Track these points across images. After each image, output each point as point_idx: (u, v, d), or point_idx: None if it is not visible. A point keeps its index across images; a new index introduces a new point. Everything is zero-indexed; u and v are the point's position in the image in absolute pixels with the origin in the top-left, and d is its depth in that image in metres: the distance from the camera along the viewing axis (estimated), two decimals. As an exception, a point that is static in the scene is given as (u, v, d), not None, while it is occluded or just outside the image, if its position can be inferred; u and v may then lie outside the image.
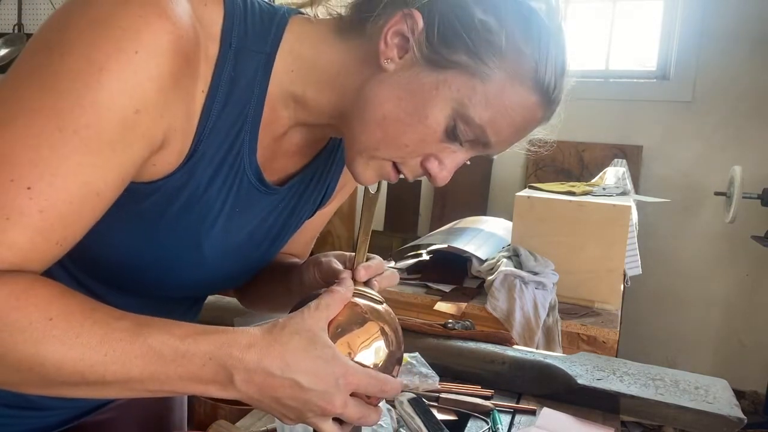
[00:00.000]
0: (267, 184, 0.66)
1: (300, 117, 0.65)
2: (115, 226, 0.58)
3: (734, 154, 2.82)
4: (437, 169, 0.61)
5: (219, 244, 0.66)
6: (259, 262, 0.76)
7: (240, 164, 0.62)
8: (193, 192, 0.59)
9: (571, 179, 2.93)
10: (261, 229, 0.71)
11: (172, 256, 0.64)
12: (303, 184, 0.73)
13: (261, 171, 0.64)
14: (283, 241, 0.77)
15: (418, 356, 0.98)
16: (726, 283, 2.94)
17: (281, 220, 0.73)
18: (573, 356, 1.05)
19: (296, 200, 0.73)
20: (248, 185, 0.64)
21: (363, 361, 0.56)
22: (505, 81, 0.57)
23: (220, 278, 0.72)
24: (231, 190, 0.63)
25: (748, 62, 2.81)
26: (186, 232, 0.62)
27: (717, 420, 0.88)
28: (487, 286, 1.67)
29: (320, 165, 0.74)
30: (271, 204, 0.70)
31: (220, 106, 0.58)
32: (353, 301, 0.59)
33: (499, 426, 0.87)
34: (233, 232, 0.67)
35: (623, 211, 1.75)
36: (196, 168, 0.58)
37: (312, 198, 0.76)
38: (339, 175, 0.80)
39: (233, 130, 0.60)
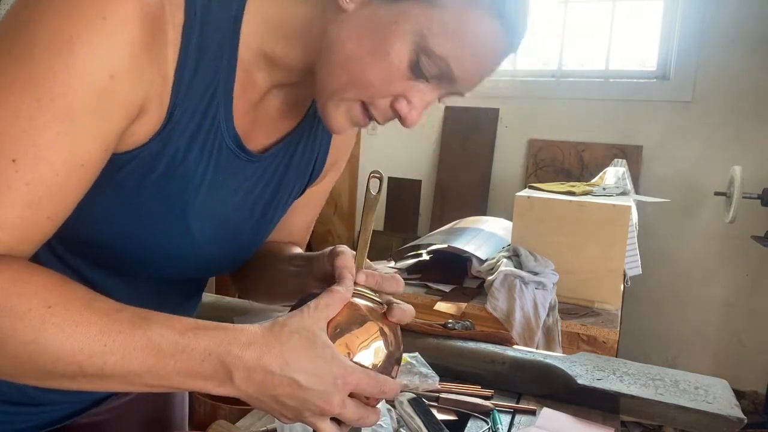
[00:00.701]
0: (248, 152, 0.66)
1: (275, 77, 0.65)
2: (98, 201, 0.58)
3: (734, 154, 2.82)
4: (406, 109, 0.61)
5: (206, 215, 0.65)
6: (252, 238, 0.74)
7: (217, 131, 0.62)
8: (171, 159, 0.59)
9: (571, 179, 2.93)
10: (248, 201, 0.70)
11: (158, 228, 0.63)
12: (288, 154, 0.72)
13: (240, 137, 0.64)
14: (275, 215, 0.76)
15: (418, 356, 0.98)
16: (726, 283, 2.94)
17: (269, 192, 0.72)
18: (573, 356, 1.05)
19: (283, 171, 0.72)
20: (228, 152, 0.64)
21: (362, 362, 0.56)
22: (462, 8, 0.56)
23: (212, 255, 0.70)
24: (211, 157, 0.62)
25: (748, 62, 2.81)
26: (169, 201, 0.62)
27: (717, 420, 0.88)
28: (487, 286, 1.67)
29: (304, 133, 0.74)
30: (256, 173, 0.69)
31: (191, 72, 0.57)
32: (353, 301, 0.59)
33: (499, 426, 0.87)
34: (219, 203, 0.66)
35: (623, 211, 1.75)
36: (172, 135, 0.58)
37: (300, 170, 0.76)
38: (327, 148, 0.79)
39: (206, 96, 0.59)
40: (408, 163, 3.45)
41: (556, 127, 3.14)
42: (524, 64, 3.32)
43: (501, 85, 3.29)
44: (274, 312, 1.01)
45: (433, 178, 3.43)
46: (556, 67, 3.23)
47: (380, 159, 3.46)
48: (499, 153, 3.28)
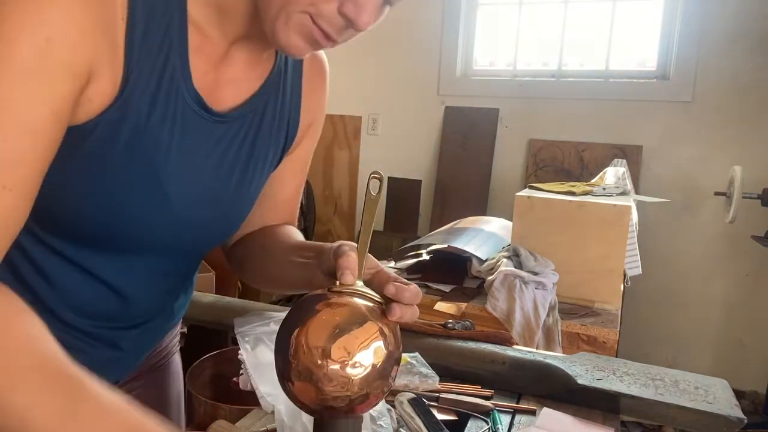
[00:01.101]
0: (213, 111, 0.66)
1: (230, 31, 0.65)
2: (69, 175, 0.59)
3: (734, 154, 2.82)
4: (354, 12, 0.59)
5: (180, 179, 0.65)
6: (233, 203, 0.74)
7: (177, 91, 0.62)
8: (134, 125, 0.59)
9: (571, 179, 2.93)
10: (223, 164, 0.70)
11: (133, 195, 0.63)
12: (257, 114, 0.72)
13: (202, 97, 0.64)
14: (254, 179, 0.75)
15: (418, 356, 0.98)
16: (726, 283, 2.94)
17: (244, 154, 0.72)
18: (573, 356, 1.05)
19: (254, 132, 0.72)
20: (193, 113, 0.64)
21: (361, 362, 0.56)
22: None
23: (194, 221, 0.70)
24: (175, 119, 0.62)
25: (748, 62, 2.81)
26: (139, 167, 0.62)
27: (717, 420, 0.88)
28: (487, 286, 1.67)
29: (271, 93, 0.73)
30: (227, 135, 0.69)
31: (141, 33, 0.58)
32: (353, 301, 0.59)
33: (499, 426, 0.87)
34: (192, 166, 0.66)
35: (623, 211, 1.75)
36: (130, 99, 0.58)
37: (273, 132, 0.75)
38: (298, 109, 0.78)
39: (160, 57, 0.60)
40: (408, 163, 3.45)
41: (556, 127, 3.14)
42: (524, 64, 3.32)
43: (501, 85, 3.30)
44: (273, 313, 1.00)
45: (433, 178, 3.43)
46: (556, 67, 3.23)
47: (380, 159, 3.47)
48: (499, 153, 3.28)
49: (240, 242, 0.86)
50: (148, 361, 0.88)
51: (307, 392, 0.57)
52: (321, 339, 0.56)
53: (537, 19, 3.30)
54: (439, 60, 3.38)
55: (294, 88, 0.77)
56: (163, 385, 0.92)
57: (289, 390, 0.58)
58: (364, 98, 3.58)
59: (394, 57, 3.48)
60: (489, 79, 3.36)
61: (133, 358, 0.83)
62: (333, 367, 0.55)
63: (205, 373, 1.28)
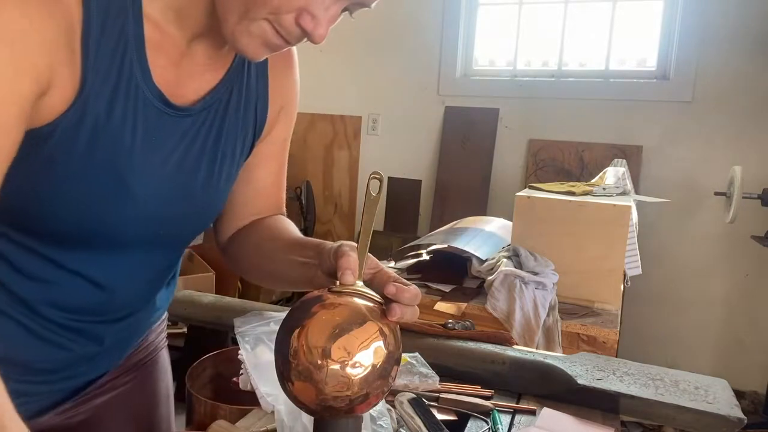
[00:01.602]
0: (176, 106, 0.66)
1: (189, 29, 0.66)
2: (33, 178, 0.59)
3: (734, 154, 2.82)
4: (311, 24, 0.61)
5: (147, 178, 0.66)
6: (204, 195, 0.74)
7: (136, 89, 0.62)
8: (93, 126, 0.60)
9: (571, 179, 2.93)
10: (189, 156, 0.70)
11: (100, 197, 0.64)
12: (221, 103, 0.72)
13: (163, 94, 0.65)
14: (223, 169, 0.74)
15: (418, 356, 0.98)
16: (726, 283, 2.94)
17: (210, 144, 0.72)
18: (573, 356, 1.05)
19: (220, 121, 0.72)
20: (155, 110, 0.64)
21: (362, 362, 0.56)
22: None
23: (165, 216, 0.70)
24: (137, 117, 0.63)
25: (748, 62, 2.81)
26: (103, 168, 0.62)
27: (717, 420, 0.88)
28: (487, 286, 1.67)
29: (234, 82, 0.73)
30: (192, 128, 0.69)
31: (97, 34, 0.58)
32: (353, 301, 0.59)
33: (499, 426, 0.87)
34: (158, 164, 0.67)
35: (623, 211, 1.75)
36: (88, 100, 0.59)
37: (240, 119, 0.75)
38: (265, 94, 0.78)
39: (117, 57, 0.60)
40: (408, 163, 3.45)
41: (556, 127, 3.14)
42: (524, 64, 3.32)
43: (501, 85, 3.30)
44: (273, 313, 1.00)
45: (433, 178, 3.43)
46: (556, 67, 3.23)
47: (380, 159, 3.47)
48: (499, 153, 3.28)
49: (233, 239, 0.85)
50: (134, 356, 0.88)
51: (307, 392, 0.57)
52: (321, 339, 0.56)
53: (537, 19, 3.30)
54: (439, 60, 3.38)
55: (259, 74, 0.76)
56: (151, 381, 0.91)
57: (289, 390, 0.58)
58: (364, 98, 3.58)
59: (394, 57, 3.48)
60: (489, 79, 3.36)
61: (116, 353, 0.83)
62: (333, 367, 0.55)
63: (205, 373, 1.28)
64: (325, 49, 3.65)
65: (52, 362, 0.74)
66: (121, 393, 0.86)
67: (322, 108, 3.65)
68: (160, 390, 0.93)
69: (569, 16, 3.19)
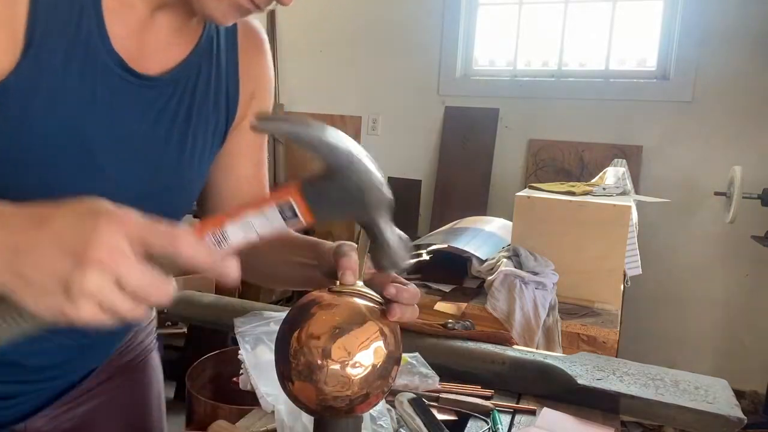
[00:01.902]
0: (137, 74, 0.65)
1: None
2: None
3: (734, 154, 2.82)
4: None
5: (111, 144, 0.65)
6: (175, 173, 0.72)
7: (95, 54, 0.61)
8: (48, 84, 0.59)
9: (571, 179, 2.93)
10: (158, 131, 0.69)
11: (65, 164, 0.62)
12: (189, 81, 0.71)
13: (123, 60, 0.64)
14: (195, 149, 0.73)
15: (418, 356, 0.98)
16: (726, 283, 2.94)
17: (180, 121, 0.70)
18: (573, 356, 1.05)
19: (190, 98, 0.71)
20: (117, 77, 0.64)
21: (362, 362, 0.56)
22: None
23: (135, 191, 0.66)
24: (96, 80, 0.62)
25: (748, 62, 2.81)
26: (66, 130, 0.61)
27: (717, 420, 0.88)
28: (487, 286, 1.67)
29: (202, 61, 0.73)
30: (159, 99, 0.68)
31: None
32: (353, 301, 0.59)
33: (499, 426, 0.87)
34: (123, 131, 0.65)
35: (623, 211, 1.75)
36: (39, 58, 0.58)
37: (210, 101, 0.74)
38: (235, 77, 0.77)
39: (72, 20, 0.60)
40: (408, 163, 3.45)
41: (556, 127, 3.14)
42: (524, 64, 3.32)
43: (501, 85, 3.30)
44: (273, 313, 1.00)
45: (433, 178, 3.43)
46: (556, 67, 3.23)
47: (380, 159, 3.41)
48: (499, 153, 3.28)
49: None
50: (123, 356, 0.87)
51: (308, 392, 0.57)
52: (321, 339, 0.56)
53: (537, 19, 3.30)
54: (439, 60, 3.38)
55: (229, 59, 0.76)
56: (142, 384, 0.90)
57: (290, 390, 0.58)
58: (364, 98, 3.58)
59: (394, 57, 3.48)
60: (489, 79, 3.36)
61: (102, 349, 0.82)
62: (333, 367, 0.55)
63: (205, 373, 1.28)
64: (325, 49, 3.66)
65: (38, 358, 0.72)
66: (111, 398, 0.84)
67: (322, 108, 3.65)
68: (151, 395, 0.92)
69: (569, 16, 3.19)
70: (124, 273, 0.40)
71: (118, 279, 0.40)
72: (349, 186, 0.46)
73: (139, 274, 0.41)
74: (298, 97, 3.74)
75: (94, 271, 0.39)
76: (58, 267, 0.40)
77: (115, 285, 0.40)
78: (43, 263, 0.40)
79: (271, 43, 4.08)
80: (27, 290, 0.41)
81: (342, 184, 0.46)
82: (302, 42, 3.68)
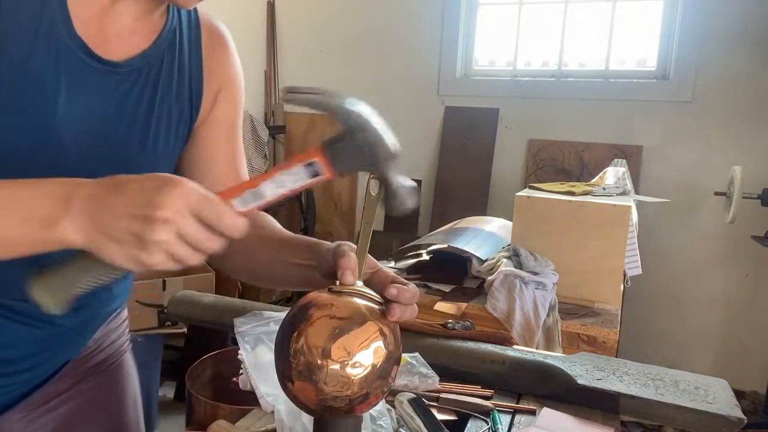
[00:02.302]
0: (100, 59, 0.67)
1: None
2: None
3: (734, 154, 2.82)
4: None
5: (74, 126, 0.66)
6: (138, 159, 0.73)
7: (58, 36, 0.63)
8: (13, 66, 0.61)
9: (571, 179, 2.93)
10: (122, 116, 0.71)
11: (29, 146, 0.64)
12: (153, 69, 0.73)
13: (85, 44, 0.65)
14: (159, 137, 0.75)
15: (418, 356, 0.98)
16: (726, 283, 2.94)
17: (144, 108, 0.72)
18: (573, 356, 1.05)
19: (153, 87, 0.73)
20: (79, 61, 0.65)
21: (362, 362, 0.56)
22: None
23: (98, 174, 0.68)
24: (59, 64, 0.64)
25: (748, 62, 2.81)
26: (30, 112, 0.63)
27: (717, 420, 0.88)
28: (487, 286, 1.67)
29: (165, 52, 0.74)
30: (122, 86, 0.70)
31: None
32: (353, 301, 0.59)
33: (499, 426, 0.87)
34: (85, 113, 0.67)
35: (623, 211, 1.75)
36: (4, 43, 0.60)
37: (174, 91, 0.75)
38: (200, 74, 0.78)
39: (36, 2, 0.62)
40: (408, 163, 3.43)
41: (556, 127, 3.14)
42: (524, 64, 3.32)
43: (501, 85, 3.30)
44: (273, 313, 1.00)
45: (433, 178, 3.43)
46: (556, 67, 3.23)
47: (380, 159, 3.46)
48: (499, 153, 3.28)
49: None
50: (96, 356, 0.87)
51: (307, 392, 0.57)
52: (321, 339, 0.56)
53: (537, 19, 3.30)
54: (439, 60, 3.38)
55: (192, 53, 0.77)
56: (116, 385, 0.91)
57: (289, 390, 0.58)
58: (364, 98, 3.56)
59: (394, 57, 3.48)
60: (489, 79, 3.36)
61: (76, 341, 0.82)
62: (333, 367, 0.55)
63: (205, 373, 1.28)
64: (325, 49, 3.66)
65: (6, 351, 0.73)
66: (86, 399, 0.85)
67: (322, 108, 3.65)
68: (126, 394, 0.92)
69: (569, 16, 3.19)
70: (184, 230, 0.50)
71: (180, 233, 0.50)
72: (361, 144, 0.54)
73: (195, 230, 0.51)
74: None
75: (161, 227, 0.49)
76: (133, 225, 0.50)
77: (178, 238, 0.50)
78: (121, 223, 0.50)
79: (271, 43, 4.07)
80: (108, 245, 0.51)
81: (355, 143, 0.54)
82: (302, 42, 3.68)
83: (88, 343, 0.86)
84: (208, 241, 0.52)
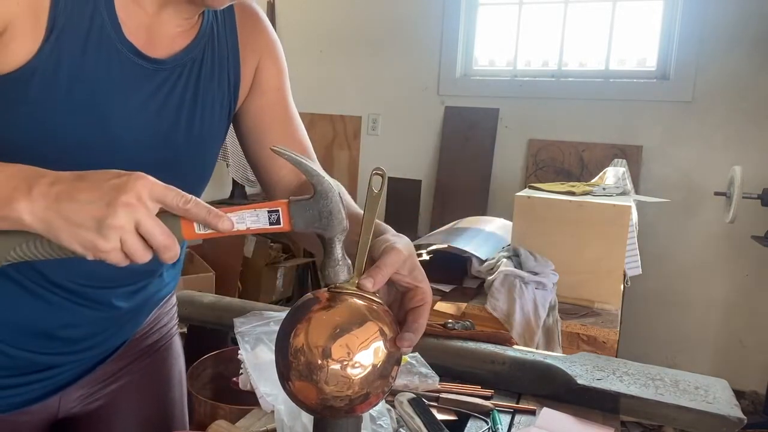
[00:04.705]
0: (148, 57, 0.72)
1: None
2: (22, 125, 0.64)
3: (734, 154, 2.82)
4: None
5: (126, 119, 0.71)
6: (185, 146, 0.78)
7: (109, 41, 0.68)
8: (70, 71, 0.65)
9: (571, 179, 2.93)
10: (169, 107, 0.75)
11: (81, 136, 0.67)
12: (195, 62, 0.77)
13: (134, 46, 0.70)
14: (203, 124, 0.79)
15: (418, 356, 0.98)
16: (726, 283, 2.94)
17: (188, 98, 0.77)
18: (573, 356, 1.05)
19: (195, 78, 0.77)
20: (130, 62, 0.70)
21: (362, 361, 0.56)
22: None
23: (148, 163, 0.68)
24: (111, 66, 0.68)
25: (748, 62, 2.81)
26: (85, 109, 0.67)
27: (717, 420, 0.88)
28: (487, 286, 1.67)
29: (206, 44, 0.79)
30: (168, 81, 0.74)
31: None
32: (353, 301, 0.59)
33: (499, 426, 0.87)
34: (136, 107, 0.72)
35: (623, 211, 1.75)
36: (60, 42, 0.64)
37: (215, 79, 0.80)
38: (236, 50, 0.82)
39: (87, 10, 0.66)
40: (408, 163, 3.45)
41: (556, 127, 3.14)
42: (524, 63, 3.32)
43: (501, 85, 3.30)
44: (273, 313, 1.01)
45: (433, 178, 3.43)
46: (556, 67, 3.23)
47: (380, 159, 3.46)
48: (499, 153, 3.28)
49: None
50: (149, 337, 0.93)
51: (308, 392, 0.57)
52: (321, 339, 0.56)
53: (537, 19, 3.30)
54: (439, 60, 3.38)
55: (229, 38, 0.82)
56: (165, 366, 0.96)
57: (290, 390, 0.58)
58: (364, 98, 3.58)
59: (394, 57, 3.48)
60: (489, 79, 3.36)
61: (133, 321, 0.87)
62: (333, 367, 0.55)
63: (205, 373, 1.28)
64: (325, 49, 3.66)
65: (69, 330, 0.78)
66: (139, 377, 0.91)
67: (322, 108, 3.65)
68: (173, 374, 0.97)
69: (569, 16, 3.19)
70: (143, 218, 0.51)
71: (138, 222, 0.52)
72: (322, 209, 0.58)
73: (153, 222, 0.52)
74: (298, 97, 3.68)
75: (122, 211, 0.51)
76: (94, 209, 0.51)
77: (134, 228, 0.52)
78: (83, 207, 0.51)
79: (271, 43, 4.07)
80: (65, 229, 0.52)
81: (317, 207, 0.59)
82: (302, 42, 3.68)
83: (143, 325, 0.91)
84: (162, 236, 0.53)
